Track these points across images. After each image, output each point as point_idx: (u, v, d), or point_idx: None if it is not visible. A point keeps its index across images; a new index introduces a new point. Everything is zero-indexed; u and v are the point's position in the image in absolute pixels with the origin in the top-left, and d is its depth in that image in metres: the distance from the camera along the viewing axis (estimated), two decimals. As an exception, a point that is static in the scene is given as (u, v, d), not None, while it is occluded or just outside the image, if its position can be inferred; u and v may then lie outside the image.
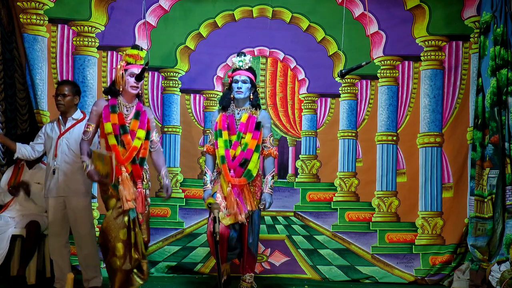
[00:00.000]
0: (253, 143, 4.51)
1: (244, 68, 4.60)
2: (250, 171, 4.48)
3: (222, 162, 4.49)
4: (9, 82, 5.49)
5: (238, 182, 4.46)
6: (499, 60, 5.23)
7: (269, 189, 4.58)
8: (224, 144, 4.51)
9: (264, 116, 4.64)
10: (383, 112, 5.76)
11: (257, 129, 4.54)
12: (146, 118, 4.28)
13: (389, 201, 5.71)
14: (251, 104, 4.61)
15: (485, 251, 5.21)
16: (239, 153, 4.49)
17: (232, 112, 4.60)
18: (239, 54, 4.66)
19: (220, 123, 4.56)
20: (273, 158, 4.65)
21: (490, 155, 5.27)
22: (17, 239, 5.05)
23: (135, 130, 4.22)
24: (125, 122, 4.21)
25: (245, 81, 4.56)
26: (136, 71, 4.23)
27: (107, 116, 4.18)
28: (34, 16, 5.41)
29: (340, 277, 5.61)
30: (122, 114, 4.22)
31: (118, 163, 4.12)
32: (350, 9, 5.65)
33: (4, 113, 5.45)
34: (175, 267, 5.58)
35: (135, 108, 4.27)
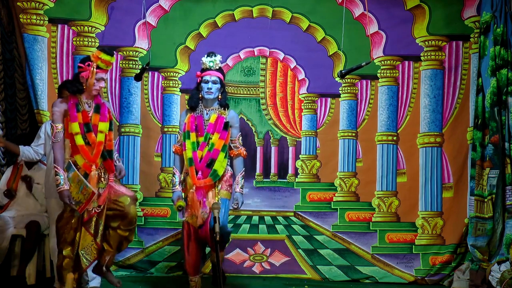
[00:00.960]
0: (219, 143, 4.46)
1: (214, 68, 4.55)
2: (216, 171, 4.42)
3: (189, 164, 4.44)
4: (9, 82, 5.49)
5: (203, 183, 4.40)
6: (499, 60, 5.23)
7: (240, 189, 4.57)
8: (192, 146, 4.47)
9: (233, 116, 4.61)
10: (383, 112, 5.76)
11: (225, 129, 4.50)
12: (106, 110, 4.26)
13: (389, 201, 5.71)
14: (219, 104, 4.58)
15: (485, 251, 5.20)
16: (205, 154, 4.45)
17: (200, 113, 4.55)
18: (209, 54, 4.58)
19: (189, 124, 4.51)
20: (243, 158, 4.63)
21: (490, 155, 5.27)
22: (17, 239, 5.04)
23: (97, 124, 4.20)
24: (88, 120, 4.18)
25: (215, 82, 4.51)
26: (103, 76, 4.20)
27: (74, 116, 4.13)
28: (34, 16, 5.41)
29: (340, 277, 5.60)
30: (85, 111, 4.19)
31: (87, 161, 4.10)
32: (350, 9, 5.65)
33: (4, 113, 5.45)
34: (175, 267, 5.58)
35: (94, 102, 4.25)
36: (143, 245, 5.59)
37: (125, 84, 5.66)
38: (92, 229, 4.14)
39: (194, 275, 4.55)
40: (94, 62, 4.17)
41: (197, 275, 4.56)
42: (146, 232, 5.61)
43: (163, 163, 5.69)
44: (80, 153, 4.11)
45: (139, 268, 5.55)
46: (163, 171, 5.68)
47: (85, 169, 4.11)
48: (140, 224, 5.58)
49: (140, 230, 5.58)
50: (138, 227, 5.56)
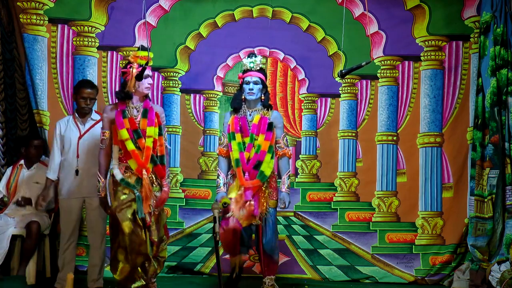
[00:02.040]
0: (266, 144, 4.48)
1: (255, 69, 4.59)
2: (263, 172, 4.44)
3: (236, 165, 4.47)
4: (9, 82, 5.49)
5: (252, 184, 4.43)
6: (499, 60, 5.23)
7: (286, 189, 4.58)
8: (238, 146, 4.49)
9: (276, 116, 4.63)
10: (383, 112, 5.76)
11: (270, 130, 4.51)
12: (153, 114, 4.29)
13: (389, 201, 5.71)
14: (262, 105, 4.60)
15: (485, 251, 5.20)
16: (253, 156, 4.47)
17: (244, 114, 4.59)
18: (249, 55, 4.63)
19: (233, 125, 4.54)
20: (288, 158, 4.64)
21: (490, 155, 5.27)
22: (17, 239, 5.05)
23: (145, 129, 4.24)
24: (136, 126, 4.22)
25: (257, 82, 4.54)
26: (148, 72, 4.28)
27: (121, 122, 4.19)
28: (34, 16, 5.41)
29: (340, 277, 5.60)
30: (133, 118, 4.24)
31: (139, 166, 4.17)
32: (350, 9, 5.65)
33: (4, 113, 5.45)
34: (175, 267, 5.58)
35: (143, 107, 4.29)
36: None
37: (125, 84, 5.66)
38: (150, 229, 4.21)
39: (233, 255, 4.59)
40: (134, 63, 4.21)
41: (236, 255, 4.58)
42: None
43: (163, 163, 5.69)
44: (133, 158, 4.16)
45: (139, 268, 5.55)
46: (163, 171, 5.68)
47: (137, 173, 4.18)
48: None
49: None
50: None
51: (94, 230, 4.70)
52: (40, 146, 5.25)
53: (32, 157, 5.25)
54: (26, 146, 5.27)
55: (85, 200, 4.66)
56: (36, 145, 5.24)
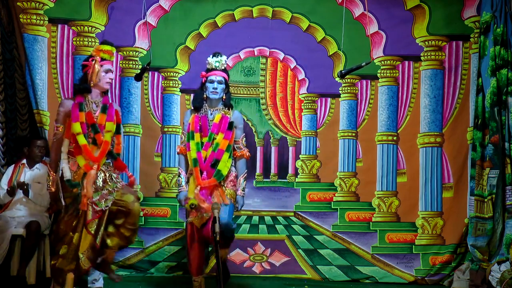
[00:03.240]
0: (224, 143, 4.45)
1: (220, 69, 4.55)
2: (220, 171, 4.41)
3: (194, 165, 4.43)
4: (9, 82, 5.49)
5: (208, 183, 4.39)
6: (499, 60, 5.23)
7: (241, 191, 4.54)
8: (196, 146, 4.45)
9: (237, 116, 4.60)
10: (383, 112, 5.76)
11: (230, 129, 4.48)
12: (113, 111, 4.25)
13: (389, 201, 5.71)
14: (224, 104, 4.57)
15: (485, 251, 5.21)
16: (210, 154, 4.44)
17: (205, 113, 4.55)
18: (215, 55, 4.58)
19: (193, 124, 4.50)
20: (245, 159, 4.62)
21: (490, 155, 5.27)
22: (17, 239, 5.04)
23: (103, 124, 4.18)
24: (94, 120, 4.15)
25: (221, 82, 4.51)
26: (110, 67, 4.22)
27: (76, 116, 4.11)
28: (34, 16, 5.41)
29: (340, 277, 5.60)
30: (90, 112, 4.17)
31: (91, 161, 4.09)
32: (350, 9, 5.65)
33: (4, 113, 5.44)
34: (175, 267, 5.58)
35: (102, 102, 4.24)
36: (143, 245, 5.59)
37: (125, 84, 5.66)
38: (93, 230, 4.13)
39: (197, 275, 4.57)
40: (96, 56, 4.18)
41: (200, 275, 4.58)
42: (146, 232, 5.61)
43: (163, 163, 5.69)
44: (83, 153, 4.08)
45: (139, 268, 5.55)
46: (163, 171, 5.69)
47: (85, 169, 4.08)
48: (141, 224, 5.57)
49: (140, 230, 5.55)
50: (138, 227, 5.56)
51: None
52: (43, 147, 5.25)
53: (35, 157, 5.25)
54: (29, 146, 5.27)
55: None
56: (39, 145, 5.24)
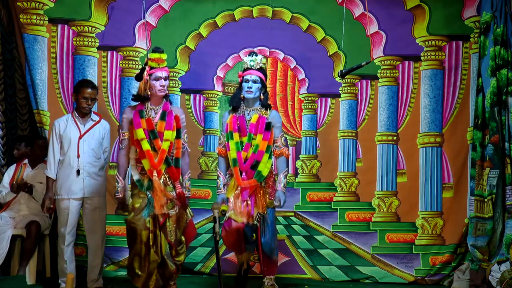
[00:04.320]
0: (263, 144, 4.47)
1: (255, 68, 4.57)
2: (260, 172, 4.44)
3: (233, 165, 4.46)
4: (9, 82, 5.50)
5: (248, 184, 4.43)
6: (499, 60, 5.23)
7: (282, 188, 4.55)
8: (236, 146, 4.48)
9: (274, 116, 4.60)
10: (383, 112, 5.76)
11: (268, 130, 4.50)
12: (172, 118, 4.30)
13: (389, 201, 5.71)
14: (261, 104, 4.59)
15: (485, 251, 5.20)
16: (250, 155, 4.46)
17: (242, 113, 4.58)
18: (250, 54, 4.62)
19: (231, 124, 4.53)
20: (286, 158, 4.62)
21: (490, 155, 5.27)
22: (17, 239, 5.05)
23: (162, 131, 4.25)
24: (153, 127, 4.24)
25: (256, 81, 4.52)
26: (160, 74, 4.27)
27: (138, 122, 4.22)
28: (34, 16, 5.41)
29: (340, 277, 5.60)
30: (150, 119, 4.26)
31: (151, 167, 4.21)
32: (350, 9, 5.65)
33: (4, 113, 5.46)
34: (175, 267, 5.58)
35: (162, 109, 4.30)
36: None
37: (125, 84, 5.66)
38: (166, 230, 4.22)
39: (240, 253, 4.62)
40: (147, 65, 4.23)
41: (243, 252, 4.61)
42: None
43: (163, 163, 5.69)
44: (146, 158, 4.18)
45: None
46: (163, 171, 5.68)
47: (149, 174, 4.20)
48: None
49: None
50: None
51: (93, 231, 4.70)
52: (44, 147, 5.26)
53: (37, 157, 5.26)
54: (31, 146, 5.29)
55: (84, 200, 4.66)
56: (41, 145, 5.25)
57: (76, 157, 4.61)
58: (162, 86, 4.28)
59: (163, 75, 4.28)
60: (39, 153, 5.26)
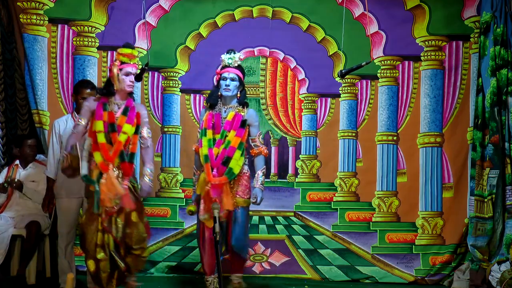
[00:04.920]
0: (236, 141, 4.42)
1: (233, 66, 4.53)
2: (231, 169, 4.38)
3: (205, 161, 4.41)
4: (9, 82, 5.49)
5: (218, 181, 4.36)
6: (499, 60, 5.22)
7: (260, 185, 4.52)
8: (208, 143, 4.44)
9: (251, 114, 4.56)
10: (383, 112, 5.76)
11: (242, 127, 4.45)
12: (134, 114, 4.23)
13: (389, 201, 5.71)
14: (238, 102, 4.55)
15: (485, 251, 5.20)
16: (221, 151, 4.41)
17: (218, 111, 4.54)
18: (228, 51, 4.57)
19: (206, 121, 4.49)
20: (264, 156, 4.60)
21: (490, 155, 5.27)
22: (17, 239, 5.05)
23: (121, 125, 4.18)
24: (114, 120, 4.16)
25: (234, 79, 4.49)
26: (130, 70, 4.20)
27: (100, 114, 4.15)
28: (34, 16, 5.41)
29: (340, 277, 5.60)
30: (112, 112, 4.19)
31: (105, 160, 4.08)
32: (350, 9, 5.65)
33: (4, 113, 5.45)
34: (175, 267, 5.58)
35: (125, 105, 4.25)
36: None
37: (125, 84, 5.66)
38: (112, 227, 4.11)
39: (209, 274, 4.55)
40: (116, 60, 4.20)
41: (212, 274, 4.55)
42: None
43: (163, 163, 5.70)
44: (100, 151, 4.09)
45: (139, 268, 5.55)
46: (163, 171, 5.69)
47: (101, 167, 4.09)
48: None
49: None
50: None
51: None
52: (34, 146, 5.25)
53: (27, 156, 5.25)
54: (20, 146, 5.27)
55: (84, 200, 4.65)
56: (30, 145, 5.24)
57: None
58: (132, 82, 4.23)
59: (133, 71, 4.23)
60: (28, 152, 5.25)
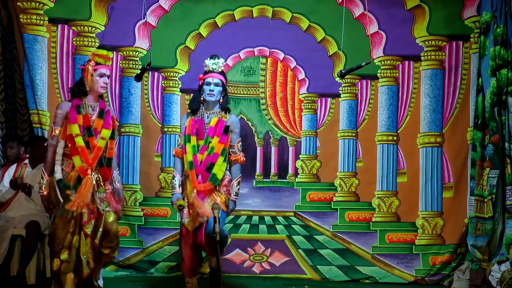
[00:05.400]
0: (219, 147, 4.41)
1: (217, 71, 4.52)
2: (215, 175, 4.38)
3: (190, 168, 4.41)
4: (9, 82, 5.49)
5: (203, 187, 4.37)
6: (499, 60, 5.22)
7: (234, 196, 4.50)
8: (192, 149, 4.43)
9: (234, 121, 4.56)
10: (383, 112, 5.76)
11: (225, 133, 4.45)
12: (110, 117, 4.23)
13: (389, 201, 5.71)
14: (220, 108, 4.53)
15: (485, 251, 5.20)
16: (205, 157, 4.41)
17: (201, 116, 4.52)
18: (212, 57, 4.55)
19: (189, 127, 4.47)
20: (240, 164, 4.56)
21: (490, 155, 5.27)
22: (17, 239, 5.04)
23: (98, 129, 4.16)
24: (90, 123, 4.13)
25: (218, 84, 4.47)
26: (105, 72, 4.18)
27: (74, 118, 4.09)
28: (34, 16, 5.41)
29: (340, 277, 5.60)
30: (87, 115, 4.15)
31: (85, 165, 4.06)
32: (350, 9, 5.65)
33: (4, 113, 5.45)
34: (175, 267, 5.58)
35: (99, 107, 4.22)
36: (143, 245, 5.59)
37: (125, 84, 5.67)
38: (90, 231, 4.09)
39: (190, 277, 4.59)
40: (91, 60, 4.17)
41: (194, 276, 4.59)
42: (146, 232, 5.61)
43: (163, 163, 5.70)
44: (79, 155, 4.06)
45: (139, 268, 5.55)
46: (163, 171, 5.69)
47: (80, 171, 4.06)
48: (140, 224, 5.59)
49: (140, 230, 5.59)
50: (138, 227, 5.57)
51: None
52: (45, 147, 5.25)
53: (37, 157, 5.26)
54: (32, 146, 5.28)
55: None
56: (41, 146, 5.24)
57: None
58: (105, 83, 4.21)
59: (107, 73, 4.21)
60: (39, 154, 5.25)
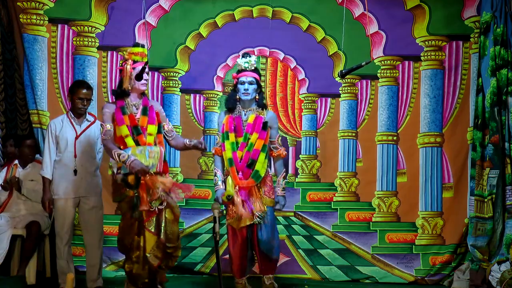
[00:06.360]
0: (259, 143, 4.47)
1: (250, 69, 4.57)
2: (257, 171, 4.44)
3: (230, 165, 4.46)
4: (9, 82, 5.50)
5: (246, 184, 4.42)
6: (499, 60, 5.22)
7: (282, 192, 4.59)
8: (231, 146, 4.49)
9: (271, 116, 4.62)
10: (383, 112, 5.76)
11: (264, 129, 4.50)
12: (154, 112, 4.29)
13: (389, 201, 5.71)
14: (257, 105, 4.59)
15: (485, 251, 5.20)
16: (245, 154, 4.46)
17: (238, 114, 4.57)
18: (244, 55, 4.62)
19: (227, 125, 4.53)
20: (282, 160, 4.64)
21: (490, 155, 5.27)
22: (17, 239, 5.05)
23: (144, 126, 4.23)
24: (136, 122, 4.21)
25: (252, 82, 4.53)
26: None
27: (120, 119, 4.17)
28: (34, 16, 5.41)
29: (340, 277, 5.60)
30: (132, 114, 4.23)
31: None
32: (350, 9, 5.66)
33: (4, 113, 5.46)
34: (175, 267, 5.55)
35: (142, 105, 4.28)
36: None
37: (125, 84, 5.66)
38: (154, 228, 4.16)
39: (240, 277, 4.60)
40: (128, 59, 4.20)
41: (243, 277, 4.60)
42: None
43: (163, 163, 5.69)
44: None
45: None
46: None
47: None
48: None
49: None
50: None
51: (91, 230, 4.69)
52: (33, 146, 5.26)
53: (26, 156, 5.26)
54: (19, 146, 5.28)
55: (81, 200, 4.66)
56: (28, 145, 5.25)
57: (73, 157, 4.62)
58: (146, 80, 4.27)
59: (146, 69, 4.27)
60: (28, 152, 5.26)
